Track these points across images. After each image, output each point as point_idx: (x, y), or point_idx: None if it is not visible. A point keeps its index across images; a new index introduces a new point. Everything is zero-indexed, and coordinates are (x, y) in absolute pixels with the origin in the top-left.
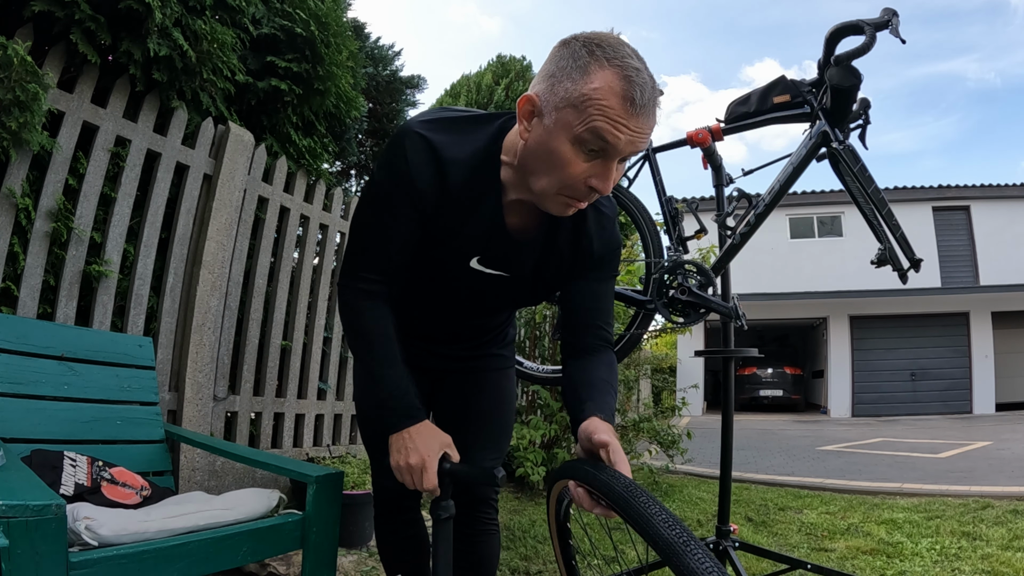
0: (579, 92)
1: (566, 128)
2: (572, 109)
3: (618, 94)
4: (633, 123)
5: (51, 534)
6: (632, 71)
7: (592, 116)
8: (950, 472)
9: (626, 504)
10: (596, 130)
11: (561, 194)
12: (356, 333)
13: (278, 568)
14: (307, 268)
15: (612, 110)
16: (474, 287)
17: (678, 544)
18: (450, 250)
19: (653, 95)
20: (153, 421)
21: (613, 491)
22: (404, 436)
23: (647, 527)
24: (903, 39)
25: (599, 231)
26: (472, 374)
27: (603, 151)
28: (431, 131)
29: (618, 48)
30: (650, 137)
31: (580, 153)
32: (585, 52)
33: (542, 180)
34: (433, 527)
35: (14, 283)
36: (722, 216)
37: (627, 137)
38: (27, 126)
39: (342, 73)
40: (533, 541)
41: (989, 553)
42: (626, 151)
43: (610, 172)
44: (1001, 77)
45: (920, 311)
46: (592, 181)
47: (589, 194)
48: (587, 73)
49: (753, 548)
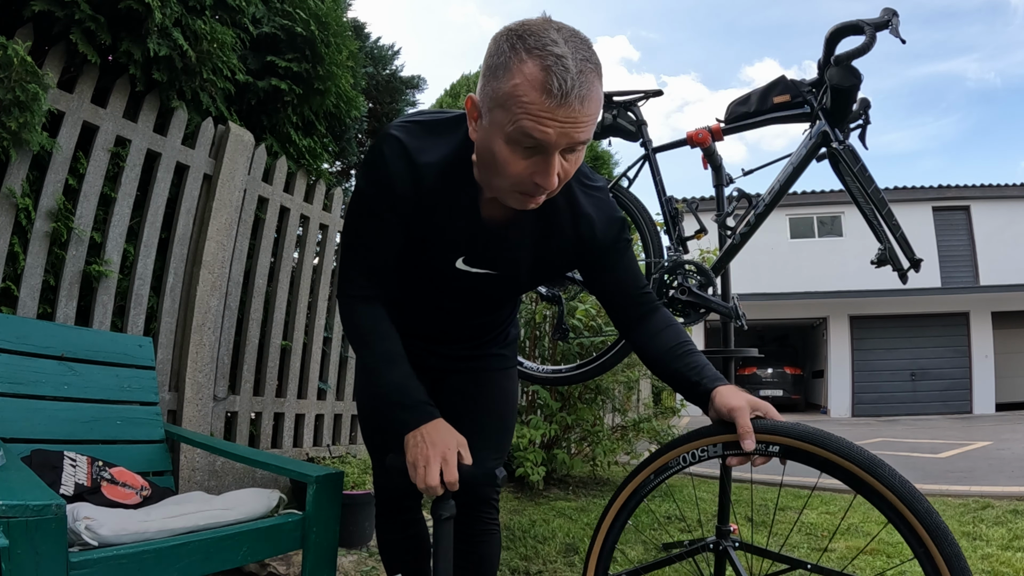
0: (503, 91)
1: (499, 128)
2: (500, 109)
3: (538, 87)
4: (561, 114)
5: (51, 534)
6: (552, 59)
7: (516, 115)
8: (950, 472)
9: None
10: (523, 129)
11: (514, 191)
12: (358, 338)
13: (278, 568)
14: (307, 268)
15: (534, 105)
16: (466, 287)
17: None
18: (435, 253)
19: (580, 80)
20: (153, 421)
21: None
22: (421, 432)
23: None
24: (903, 39)
25: (597, 212)
26: (473, 374)
27: (537, 148)
28: (406, 134)
29: (541, 36)
30: (593, 120)
31: (517, 151)
32: (507, 47)
33: (493, 179)
34: (434, 527)
35: (14, 283)
36: (722, 216)
37: (556, 130)
38: (27, 126)
39: (342, 73)
40: (533, 541)
41: (989, 553)
42: (562, 143)
43: (550, 167)
44: (1001, 77)
45: (920, 311)
46: (536, 178)
47: (537, 190)
48: (509, 70)
49: (753, 548)
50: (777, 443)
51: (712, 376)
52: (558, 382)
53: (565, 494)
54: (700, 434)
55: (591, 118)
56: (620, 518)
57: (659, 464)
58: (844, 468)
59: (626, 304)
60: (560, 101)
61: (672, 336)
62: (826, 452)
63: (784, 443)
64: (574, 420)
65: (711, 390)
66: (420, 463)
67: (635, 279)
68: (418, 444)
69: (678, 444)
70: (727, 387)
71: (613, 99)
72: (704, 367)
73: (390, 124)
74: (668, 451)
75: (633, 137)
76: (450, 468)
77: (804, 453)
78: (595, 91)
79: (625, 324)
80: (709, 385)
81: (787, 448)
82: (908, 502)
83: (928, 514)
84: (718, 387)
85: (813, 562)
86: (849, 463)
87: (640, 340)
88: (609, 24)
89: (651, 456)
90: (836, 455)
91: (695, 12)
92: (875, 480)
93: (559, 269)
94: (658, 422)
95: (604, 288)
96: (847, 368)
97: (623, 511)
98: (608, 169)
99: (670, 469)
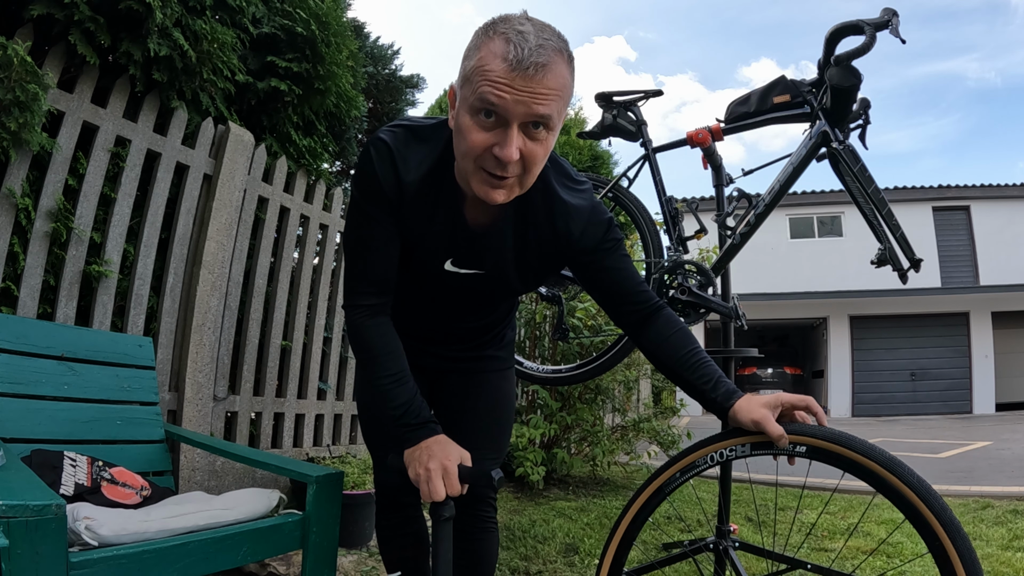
0: (469, 67)
1: (464, 103)
2: (467, 84)
3: (498, 56)
4: (519, 83)
5: (51, 534)
6: (515, 34)
7: (478, 84)
8: (950, 472)
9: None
10: (482, 95)
11: (478, 168)
12: (364, 352)
13: (278, 568)
14: (307, 268)
15: (493, 72)
16: (457, 288)
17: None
18: (424, 256)
19: (538, 52)
20: (153, 421)
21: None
22: (422, 448)
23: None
24: (903, 39)
25: (576, 208)
26: (471, 375)
27: (496, 116)
28: (392, 138)
29: (510, 19)
30: (556, 97)
31: (478, 121)
32: (480, 32)
33: (461, 161)
34: (433, 527)
35: (14, 283)
36: (722, 216)
37: (513, 96)
38: (27, 126)
39: (342, 72)
40: (533, 541)
41: (989, 553)
42: (518, 112)
43: (509, 138)
44: (1001, 77)
45: (920, 311)
46: (495, 149)
47: (497, 164)
48: (478, 49)
49: (753, 548)
50: (804, 443)
51: (729, 391)
52: (558, 382)
53: (565, 494)
54: (729, 434)
55: (552, 92)
56: (642, 514)
57: (686, 462)
58: (867, 468)
59: (625, 304)
60: (517, 67)
61: (680, 341)
62: (851, 452)
63: (810, 443)
64: (574, 420)
65: (730, 406)
66: (423, 478)
67: (630, 278)
68: (420, 459)
69: (706, 444)
70: (744, 399)
71: (613, 99)
72: (720, 381)
73: (379, 129)
74: (696, 450)
75: (633, 137)
76: (452, 481)
77: (829, 453)
78: (556, 66)
79: (629, 326)
80: (726, 402)
81: (813, 448)
82: (926, 500)
83: (943, 511)
84: (735, 403)
85: (813, 562)
86: (872, 463)
87: (649, 345)
88: (607, 24)
89: (679, 454)
90: (860, 455)
91: (693, 12)
92: (896, 479)
93: (544, 268)
94: (658, 422)
95: (600, 288)
96: (847, 368)
97: (646, 507)
98: (608, 169)
99: (697, 468)
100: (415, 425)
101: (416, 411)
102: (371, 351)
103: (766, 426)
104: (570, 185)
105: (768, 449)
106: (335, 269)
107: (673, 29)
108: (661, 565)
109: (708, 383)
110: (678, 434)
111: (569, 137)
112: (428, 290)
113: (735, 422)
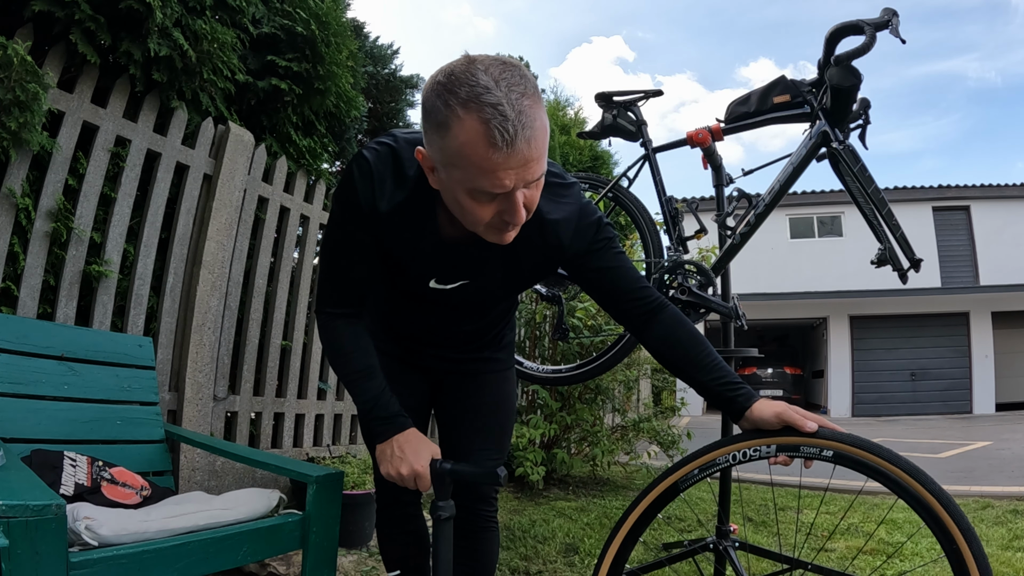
0: (451, 149)
1: (457, 185)
2: (453, 167)
3: (483, 143)
4: (513, 160)
5: (51, 534)
6: (488, 110)
7: (471, 173)
8: (950, 472)
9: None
10: (480, 187)
11: (488, 230)
12: (333, 351)
13: (278, 568)
14: (307, 268)
15: (484, 160)
16: (445, 301)
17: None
18: (408, 276)
19: (521, 122)
20: (153, 421)
21: None
22: (392, 445)
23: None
24: (903, 39)
25: (565, 218)
26: (471, 376)
27: (498, 195)
28: (375, 156)
29: (471, 84)
30: (544, 150)
31: (481, 200)
32: (441, 104)
33: (466, 222)
34: (433, 527)
35: (14, 283)
36: (722, 216)
37: (512, 177)
38: (27, 126)
39: (342, 72)
40: (533, 541)
41: (989, 553)
42: (520, 184)
43: (515, 206)
44: (1001, 76)
45: (920, 311)
46: (504, 217)
47: (509, 226)
48: (449, 128)
49: (753, 548)
50: (831, 448)
51: (746, 395)
52: (558, 382)
53: (565, 494)
54: (755, 435)
55: (542, 150)
56: (653, 510)
57: (706, 460)
58: (890, 474)
59: (625, 303)
60: (508, 151)
61: (691, 341)
62: (876, 459)
63: (838, 448)
64: (574, 420)
65: (747, 408)
66: (396, 479)
67: (627, 275)
68: (392, 460)
69: (729, 443)
70: (761, 402)
71: (613, 99)
72: (735, 385)
73: (366, 145)
74: (717, 448)
75: (633, 137)
76: (423, 484)
77: (855, 459)
78: (539, 123)
79: (632, 325)
80: (744, 403)
81: (839, 454)
82: (946, 506)
83: (961, 517)
84: (753, 404)
85: (813, 562)
86: (896, 469)
87: (657, 344)
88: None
89: (698, 451)
90: (885, 461)
91: (691, 12)
92: (918, 485)
93: (533, 277)
94: (658, 422)
95: (598, 289)
96: (847, 368)
97: (658, 503)
98: (608, 169)
99: (717, 466)
100: (384, 418)
101: (385, 404)
102: (341, 348)
103: (790, 415)
104: (557, 193)
105: (794, 451)
106: None
107: (671, 29)
108: (661, 565)
109: (725, 385)
110: (678, 434)
111: (569, 137)
112: (417, 303)
113: (753, 421)
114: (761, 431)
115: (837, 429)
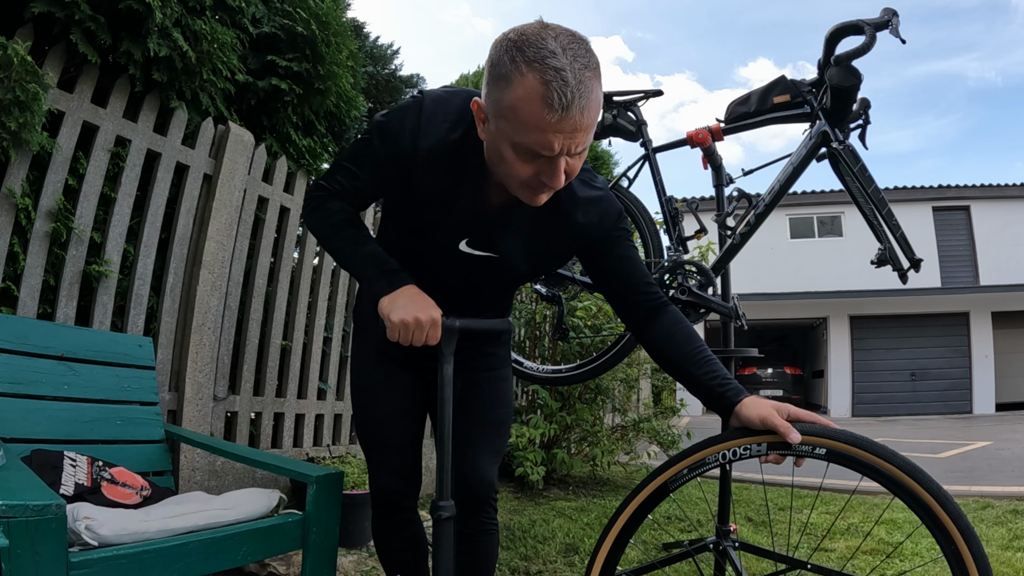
0: (506, 103)
1: (504, 136)
2: (505, 120)
3: (539, 101)
4: (564, 124)
5: (51, 534)
6: (551, 73)
7: (521, 128)
8: (950, 472)
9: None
10: (527, 142)
11: (523, 187)
12: (323, 224)
13: (278, 568)
14: (307, 268)
15: (537, 118)
16: (465, 271)
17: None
18: (440, 235)
19: (579, 90)
20: (153, 421)
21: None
22: (403, 294)
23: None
24: (903, 39)
25: (596, 201)
26: (467, 375)
27: (542, 155)
28: (431, 96)
29: (539, 47)
30: (595, 123)
31: (524, 157)
32: (507, 59)
33: (502, 176)
34: (433, 527)
35: (14, 283)
36: (722, 216)
37: (560, 141)
38: (27, 126)
39: (342, 72)
40: (533, 541)
41: (989, 553)
42: (565, 151)
43: (556, 169)
44: (1001, 76)
45: (920, 311)
46: (542, 178)
47: (545, 188)
48: (510, 82)
49: (753, 548)
50: (824, 446)
51: (735, 390)
52: (558, 382)
53: (565, 494)
54: (744, 432)
55: (593, 122)
56: (642, 510)
57: (695, 459)
58: (886, 472)
59: (632, 296)
60: (562, 114)
61: (686, 337)
62: (871, 456)
63: (830, 446)
64: (574, 420)
65: (736, 403)
66: (413, 325)
67: (637, 269)
68: (407, 307)
69: (719, 441)
70: (750, 399)
71: (613, 99)
72: (725, 380)
73: (432, 88)
74: (707, 447)
75: (633, 137)
76: (435, 332)
77: (849, 457)
78: (595, 96)
79: (634, 321)
80: (734, 398)
81: (832, 451)
82: (944, 505)
83: (960, 516)
84: (742, 400)
85: (813, 562)
86: (892, 467)
87: (654, 340)
88: (603, 24)
89: (687, 450)
90: (880, 459)
91: (690, 12)
92: (915, 483)
93: (557, 256)
94: (658, 422)
95: (608, 277)
96: (847, 368)
97: (647, 503)
98: (608, 169)
99: (707, 465)
100: (389, 272)
101: (386, 260)
102: (334, 222)
103: (773, 422)
104: (588, 179)
105: (786, 449)
106: (335, 269)
107: (670, 29)
108: (661, 565)
109: (715, 379)
110: (678, 434)
111: None
112: (435, 274)
113: (741, 419)
114: (752, 431)
115: (831, 425)
